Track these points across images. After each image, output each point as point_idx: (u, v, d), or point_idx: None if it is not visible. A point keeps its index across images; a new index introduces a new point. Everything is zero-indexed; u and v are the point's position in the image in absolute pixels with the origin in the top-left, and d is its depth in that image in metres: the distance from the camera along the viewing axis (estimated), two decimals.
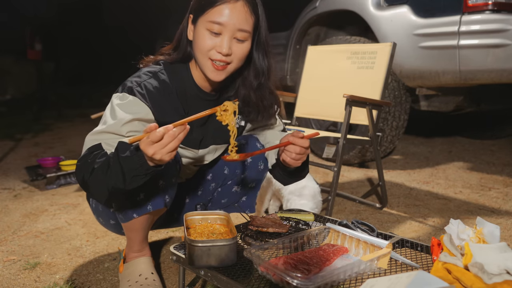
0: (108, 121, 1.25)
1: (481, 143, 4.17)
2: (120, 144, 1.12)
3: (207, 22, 1.25)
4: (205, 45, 1.27)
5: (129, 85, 1.30)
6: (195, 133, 1.43)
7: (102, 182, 1.14)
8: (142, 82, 1.31)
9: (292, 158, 1.30)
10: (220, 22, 1.24)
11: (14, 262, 1.75)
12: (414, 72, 2.91)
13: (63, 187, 2.88)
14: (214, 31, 1.25)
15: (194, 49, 1.32)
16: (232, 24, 1.24)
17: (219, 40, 1.26)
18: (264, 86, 1.41)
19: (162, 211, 1.38)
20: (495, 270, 0.97)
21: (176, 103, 1.36)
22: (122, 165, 1.09)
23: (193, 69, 1.39)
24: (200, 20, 1.27)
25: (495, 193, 2.61)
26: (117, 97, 1.29)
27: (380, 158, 2.38)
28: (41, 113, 6.51)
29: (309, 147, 1.31)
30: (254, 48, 1.35)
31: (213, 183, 1.61)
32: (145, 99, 1.28)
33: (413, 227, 2.09)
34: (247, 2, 1.26)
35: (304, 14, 3.68)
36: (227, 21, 1.24)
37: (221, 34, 1.25)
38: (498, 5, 2.50)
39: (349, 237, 1.21)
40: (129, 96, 1.28)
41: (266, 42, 1.36)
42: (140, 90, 1.29)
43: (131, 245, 1.45)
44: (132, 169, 1.09)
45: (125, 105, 1.27)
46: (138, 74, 1.35)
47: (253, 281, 1.06)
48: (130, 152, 1.09)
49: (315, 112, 2.71)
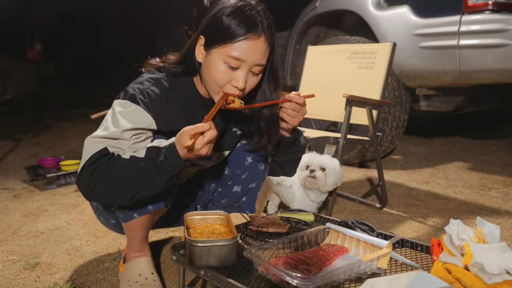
0: (110, 128, 1.23)
1: (481, 143, 4.17)
2: (150, 149, 1.16)
3: (226, 55, 1.20)
4: (221, 80, 1.23)
5: (131, 92, 1.27)
6: None
7: (129, 186, 1.16)
8: (145, 89, 1.29)
9: (288, 114, 1.32)
10: (240, 58, 1.20)
11: (14, 262, 1.75)
12: (414, 72, 2.91)
13: (63, 187, 2.88)
14: (232, 66, 1.21)
15: (204, 73, 1.28)
16: (251, 60, 1.21)
17: (235, 74, 1.23)
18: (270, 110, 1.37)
19: (162, 211, 1.38)
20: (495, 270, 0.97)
21: (178, 111, 1.35)
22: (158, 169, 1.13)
23: (197, 83, 1.37)
24: (217, 50, 1.22)
25: (495, 193, 2.61)
26: (119, 104, 1.26)
27: (380, 158, 2.38)
28: (41, 113, 6.52)
29: (305, 105, 1.33)
30: (266, 77, 1.33)
31: (213, 183, 1.61)
32: (148, 108, 1.26)
33: (413, 227, 2.09)
34: (267, 37, 1.23)
35: (304, 14, 3.67)
36: (248, 57, 1.21)
37: (238, 68, 1.22)
38: (498, 5, 2.50)
39: (349, 237, 1.21)
40: (131, 105, 1.25)
41: (277, 70, 1.34)
42: (143, 98, 1.26)
43: (131, 245, 1.46)
44: (169, 171, 1.14)
45: (128, 113, 1.24)
46: (141, 81, 1.33)
47: (253, 281, 1.06)
48: (164, 155, 1.13)
49: (315, 112, 2.71)
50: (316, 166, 1.96)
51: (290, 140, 1.43)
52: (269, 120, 1.36)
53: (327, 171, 1.95)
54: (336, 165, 1.99)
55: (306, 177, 1.95)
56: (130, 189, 1.17)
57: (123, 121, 1.22)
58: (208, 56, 1.25)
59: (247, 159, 1.55)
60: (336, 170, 1.98)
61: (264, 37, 1.22)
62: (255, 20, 1.21)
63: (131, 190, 1.17)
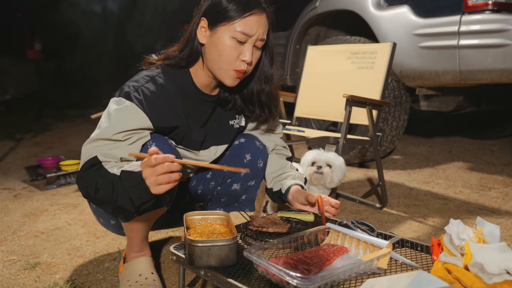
0: (103, 126, 1.25)
1: (481, 143, 4.17)
2: (123, 173, 1.12)
3: (235, 31, 1.27)
4: (232, 55, 1.29)
5: (126, 89, 1.29)
6: (196, 135, 1.43)
7: (109, 203, 1.17)
8: (139, 87, 1.30)
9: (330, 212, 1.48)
10: (248, 33, 1.27)
11: (14, 262, 1.75)
12: (414, 72, 2.92)
13: (63, 187, 2.88)
14: (240, 40, 1.28)
15: (210, 53, 1.32)
16: (257, 35, 1.29)
17: (242, 48, 1.29)
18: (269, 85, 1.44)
19: (162, 210, 1.38)
20: (495, 270, 0.97)
21: (175, 107, 1.36)
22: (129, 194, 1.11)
23: (194, 73, 1.39)
24: (224, 28, 1.28)
25: (495, 193, 2.61)
26: (113, 102, 1.29)
27: (380, 158, 2.38)
28: (41, 113, 6.52)
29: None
30: (264, 52, 1.40)
31: (213, 182, 1.62)
32: (142, 105, 1.27)
33: (413, 227, 2.09)
34: (268, 14, 1.32)
35: (304, 14, 3.68)
36: (254, 31, 1.28)
37: (245, 43, 1.29)
38: (498, 5, 2.51)
39: (349, 237, 1.21)
40: (125, 102, 1.26)
41: (273, 46, 1.42)
42: (137, 95, 1.28)
43: (131, 245, 1.46)
44: (139, 198, 1.12)
45: (121, 110, 1.26)
46: (136, 79, 1.34)
47: (253, 281, 1.06)
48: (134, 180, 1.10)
49: (315, 112, 2.71)
50: (323, 162, 1.99)
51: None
52: (270, 94, 1.44)
53: (334, 168, 2.00)
54: (342, 163, 2.04)
55: (313, 173, 1.98)
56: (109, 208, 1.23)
57: (115, 119, 1.24)
58: (213, 35, 1.30)
59: (246, 157, 1.55)
60: (342, 167, 2.03)
61: (266, 13, 1.31)
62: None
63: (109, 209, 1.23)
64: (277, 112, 1.51)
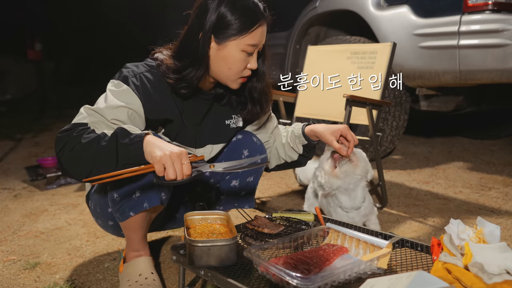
0: (99, 103, 1.30)
1: (481, 143, 4.17)
2: (120, 129, 1.15)
3: (245, 45, 1.31)
4: (241, 66, 1.35)
5: (125, 73, 1.33)
6: (190, 132, 1.44)
7: (87, 159, 1.15)
8: (139, 73, 1.34)
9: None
10: (257, 44, 1.33)
11: (14, 262, 1.75)
12: (414, 72, 2.91)
13: (63, 187, 2.88)
14: (250, 52, 1.34)
15: (218, 65, 1.35)
16: (262, 43, 1.37)
17: (249, 58, 1.35)
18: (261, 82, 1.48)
19: (159, 208, 1.38)
20: (495, 270, 0.97)
21: (170, 101, 1.37)
22: (118, 150, 1.12)
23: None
24: (234, 42, 1.31)
25: (495, 193, 2.61)
26: (112, 83, 1.34)
27: (380, 158, 2.38)
28: (41, 113, 6.51)
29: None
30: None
31: (212, 179, 1.62)
32: (138, 91, 1.31)
33: (413, 227, 2.09)
34: (267, 20, 1.37)
35: (304, 14, 3.67)
36: (261, 41, 1.36)
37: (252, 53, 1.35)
38: (498, 5, 2.50)
39: (349, 237, 1.21)
40: (123, 85, 1.31)
41: (265, 45, 1.45)
42: (135, 81, 1.32)
43: (131, 244, 1.46)
44: (126, 157, 1.12)
45: (118, 93, 1.30)
46: (137, 64, 1.38)
47: (253, 281, 1.06)
48: (129, 140, 1.12)
49: (315, 112, 2.71)
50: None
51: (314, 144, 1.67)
52: (261, 91, 1.49)
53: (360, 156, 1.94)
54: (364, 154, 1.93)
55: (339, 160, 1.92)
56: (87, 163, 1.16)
57: (111, 98, 1.28)
58: (222, 49, 1.33)
59: (244, 153, 1.56)
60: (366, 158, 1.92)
61: (266, 21, 1.36)
62: (259, 7, 1.33)
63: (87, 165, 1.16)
64: (268, 107, 1.57)
